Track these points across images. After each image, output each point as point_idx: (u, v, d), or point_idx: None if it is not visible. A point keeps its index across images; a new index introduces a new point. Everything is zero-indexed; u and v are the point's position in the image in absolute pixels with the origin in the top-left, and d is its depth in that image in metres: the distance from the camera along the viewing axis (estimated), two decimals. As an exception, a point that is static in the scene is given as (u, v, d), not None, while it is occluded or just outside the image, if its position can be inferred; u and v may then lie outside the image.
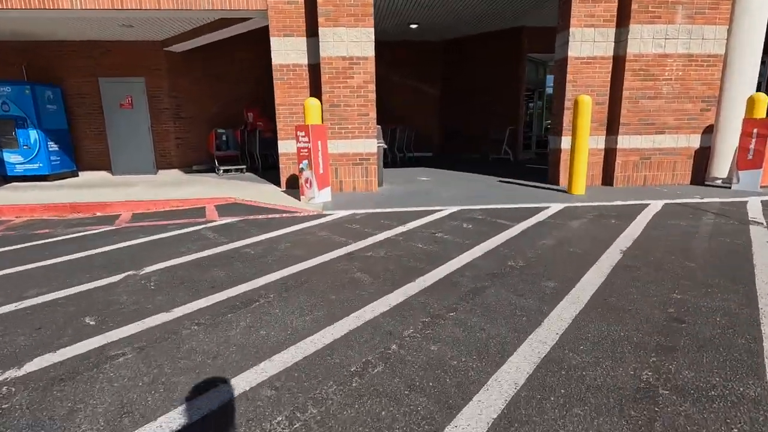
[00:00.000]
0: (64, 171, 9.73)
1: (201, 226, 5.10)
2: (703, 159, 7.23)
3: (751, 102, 6.46)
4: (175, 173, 10.50)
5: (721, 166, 7.12)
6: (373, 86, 6.96)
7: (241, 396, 1.89)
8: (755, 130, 6.43)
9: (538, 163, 11.26)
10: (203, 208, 6.27)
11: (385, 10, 9.93)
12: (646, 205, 5.66)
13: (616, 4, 6.80)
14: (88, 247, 4.32)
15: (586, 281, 3.11)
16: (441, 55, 13.88)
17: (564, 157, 7.17)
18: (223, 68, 11.00)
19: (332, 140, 7.01)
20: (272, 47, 7.05)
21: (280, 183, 7.80)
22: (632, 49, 6.73)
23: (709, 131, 7.12)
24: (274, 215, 5.65)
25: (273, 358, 2.20)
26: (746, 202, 5.77)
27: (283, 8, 6.96)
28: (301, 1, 6.95)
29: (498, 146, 12.32)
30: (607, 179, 7.31)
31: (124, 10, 6.89)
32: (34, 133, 9.03)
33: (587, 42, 6.84)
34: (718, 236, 4.21)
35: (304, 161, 6.15)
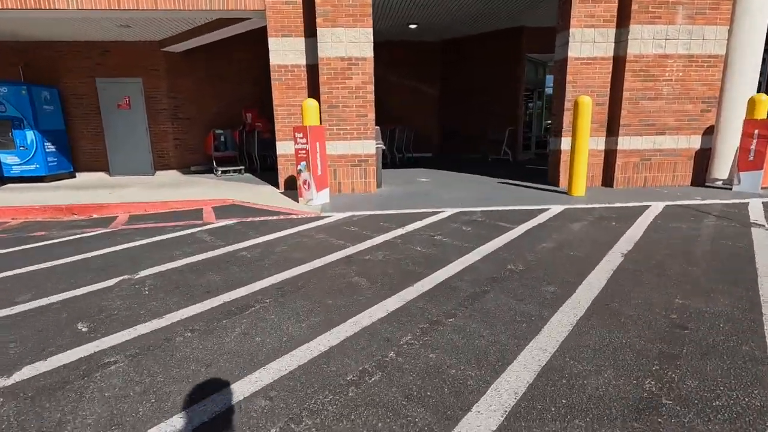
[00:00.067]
0: (61, 172, 9.68)
1: (198, 229, 5.06)
2: (703, 160, 7.19)
3: (752, 103, 6.42)
4: (173, 174, 10.45)
5: (722, 168, 7.08)
6: (372, 87, 6.92)
7: (235, 406, 1.85)
8: (756, 131, 6.39)
9: (537, 164, 11.21)
10: (200, 209, 6.22)
11: (383, 10, 9.89)
12: (647, 207, 5.61)
13: (616, 5, 6.75)
14: (83, 250, 4.27)
15: (586, 286, 3.07)
16: (439, 56, 13.84)
17: (564, 158, 7.13)
18: (221, 69, 10.95)
19: (331, 141, 6.96)
20: (270, 48, 7.01)
21: (278, 184, 7.76)
22: (632, 49, 6.69)
23: (710, 132, 7.08)
24: (272, 217, 5.61)
25: (268, 366, 2.15)
26: (747, 204, 5.73)
27: (281, 8, 6.91)
28: (300, 1, 6.90)
29: (497, 147, 12.27)
30: (607, 180, 7.27)
31: (121, 11, 6.84)
32: (30, 134, 8.97)
33: (587, 42, 6.79)
34: (720, 239, 4.17)
35: (302, 163, 6.10)
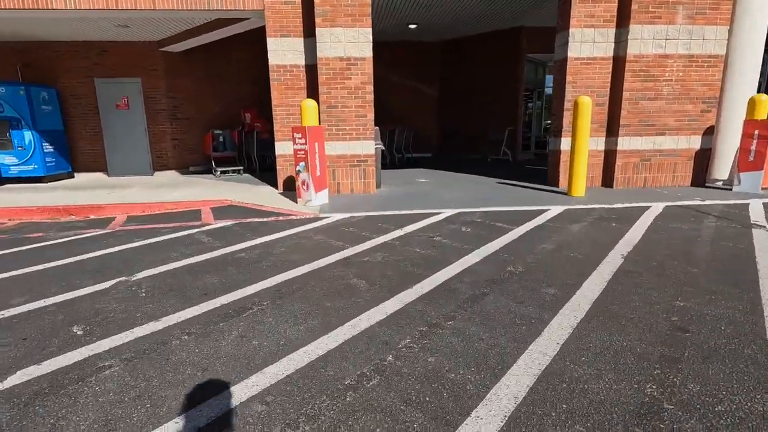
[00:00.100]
0: (59, 172, 9.65)
1: (195, 230, 5.03)
2: (703, 160, 7.17)
3: (752, 103, 6.40)
4: (172, 174, 10.42)
5: (722, 168, 7.06)
6: (371, 87, 6.89)
7: (231, 412, 1.82)
8: (756, 132, 6.37)
9: (537, 164, 11.19)
10: (198, 210, 6.19)
11: (383, 10, 9.86)
12: (647, 208, 5.59)
13: (616, 5, 6.73)
14: (80, 252, 4.24)
15: (586, 288, 3.05)
16: (439, 56, 13.81)
17: (564, 158, 7.10)
18: (220, 69, 10.91)
19: (329, 142, 6.94)
20: (269, 48, 6.98)
21: (277, 185, 7.73)
22: (632, 49, 6.66)
23: (710, 132, 7.06)
24: (270, 218, 5.58)
25: (265, 370, 2.13)
26: (748, 205, 5.71)
27: (280, 8, 6.88)
28: (298, 1, 6.88)
29: (497, 147, 12.25)
30: (607, 181, 7.25)
31: (119, 10, 6.82)
32: (28, 135, 8.94)
33: (587, 42, 6.77)
34: (721, 240, 4.14)
35: (301, 163, 6.07)
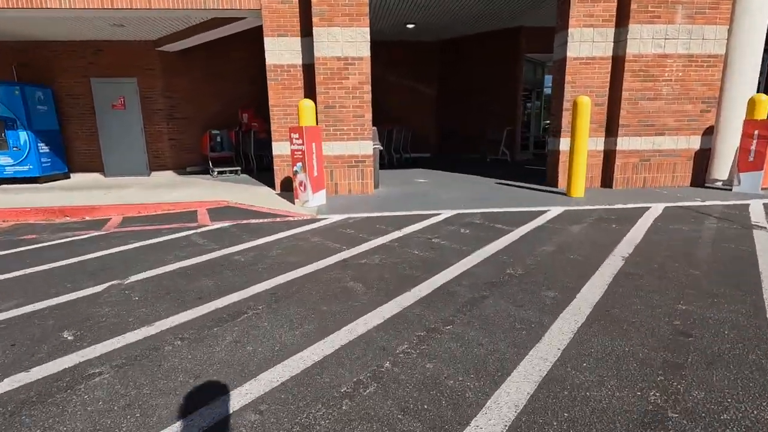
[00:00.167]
0: (55, 173, 9.57)
1: (191, 231, 4.97)
2: (703, 161, 7.14)
3: (752, 103, 6.37)
4: (169, 175, 10.35)
5: (722, 168, 7.03)
6: (369, 87, 6.84)
7: (223, 421, 1.77)
8: (756, 132, 6.34)
9: (536, 164, 11.16)
10: (195, 211, 6.13)
11: (380, 10, 9.81)
12: (647, 209, 5.55)
13: (615, 4, 6.69)
14: (74, 254, 4.18)
15: (587, 291, 3.00)
16: (437, 55, 13.77)
17: (563, 158, 7.06)
18: (217, 68, 10.85)
19: (327, 142, 6.88)
20: (266, 47, 6.92)
21: (274, 185, 7.67)
22: (632, 49, 6.63)
23: (710, 132, 7.03)
24: (267, 219, 5.52)
25: (259, 377, 2.07)
26: (748, 205, 5.68)
27: (277, 8, 6.83)
28: (295, 0, 6.82)
29: (495, 147, 12.21)
30: (607, 181, 7.21)
31: (114, 10, 6.74)
32: (24, 135, 8.86)
33: (586, 42, 6.73)
34: (722, 241, 4.11)
35: (299, 164, 6.02)
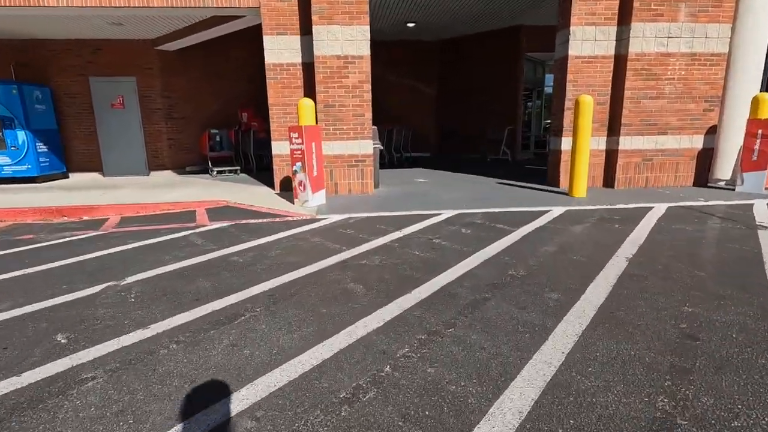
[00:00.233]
0: (53, 172, 9.52)
1: (190, 231, 4.92)
2: (706, 160, 7.08)
3: (756, 102, 6.31)
4: (168, 174, 10.30)
5: (725, 168, 6.97)
6: (369, 86, 6.78)
7: (219, 428, 1.71)
8: (760, 131, 6.28)
9: (536, 164, 11.10)
10: (194, 211, 6.08)
11: (380, 9, 9.75)
12: (650, 209, 5.50)
13: (618, 2, 6.63)
14: (71, 255, 4.13)
15: (591, 292, 2.95)
16: (437, 55, 13.72)
17: (564, 158, 7.01)
18: (216, 67, 10.79)
19: (327, 141, 6.83)
20: (265, 46, 6.87)
21: (274, 185, 7.62)
22: (634, 47, 6.57)
23: (712, 132, 6.97)
24: (266, 219, 5.47)
25: (256, 382, 2.02)
26: (752, 205, 5.62)
27: (276, 6, 6.77)
28: (295, -2, 6.77)
29: (496, 146, 12.16)
30: (609, 181, 7.16)
31: (113, 8, 6.69)
32: (22, 134, 8.81)
33: (588, 41, 6.67)
34: (726, 242, 4.05)
35: (298, 163, 5.97)
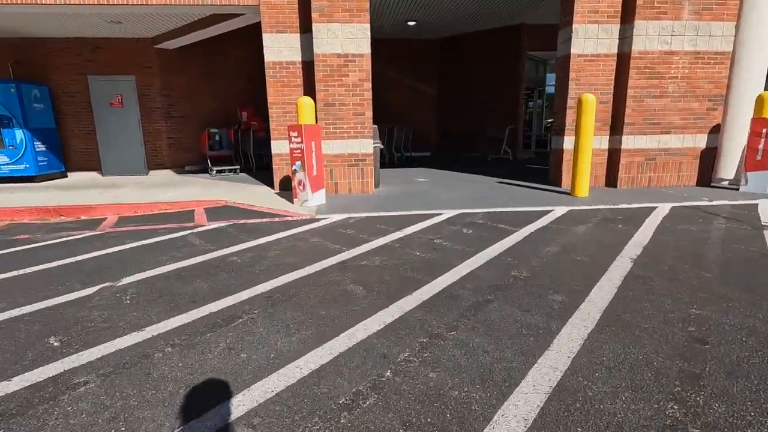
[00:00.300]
0: (51, 172, 9.47)
1: (188, 231, 4.86)
2: (709, 160, 7.01)
3: (760, 101, 6.24)
4: (167, 174, 10.25)
5: (728, 167, 6.91)
6: (369, 84, 6.72)
7: (214, 436, 1.66)
8: (764, 130, 6.21)
9: (538, 163, 11.04)
10: (192, 211, 6.03)
11: (380, 7, 9.69)
12: (654, 209, 5.43)
13: (621, 0, 6.57)
14: (67, 255, 4.07)
15: (595, 294, 2.89)
16: (438, 53, 13.64)
17: (566, 157, 6.94)
18: (215, 66, 10.73)
19: (327, 140, 6.77)
20: (264, 44, 6.81)
21: (273, 184, 7.56)
22: (637, 46, 6.50)
23: (716, 131, 6.90)
24: (266, 219, 5.41)
25: (253, 387, 1.96)
26: (757, 205, 5.56)
27: (276, 3, 6.71)
28: (295, -4, 6.71)
29: (497, 145, 12.09)
30: (611, 180, 7.09)
31: (111, 6, 6.63)
32: (20, 133, 8.76)
33: (591, 39, 6.61)
34: (732, 242, 3.99)
35: (297, 162, 5.91)
